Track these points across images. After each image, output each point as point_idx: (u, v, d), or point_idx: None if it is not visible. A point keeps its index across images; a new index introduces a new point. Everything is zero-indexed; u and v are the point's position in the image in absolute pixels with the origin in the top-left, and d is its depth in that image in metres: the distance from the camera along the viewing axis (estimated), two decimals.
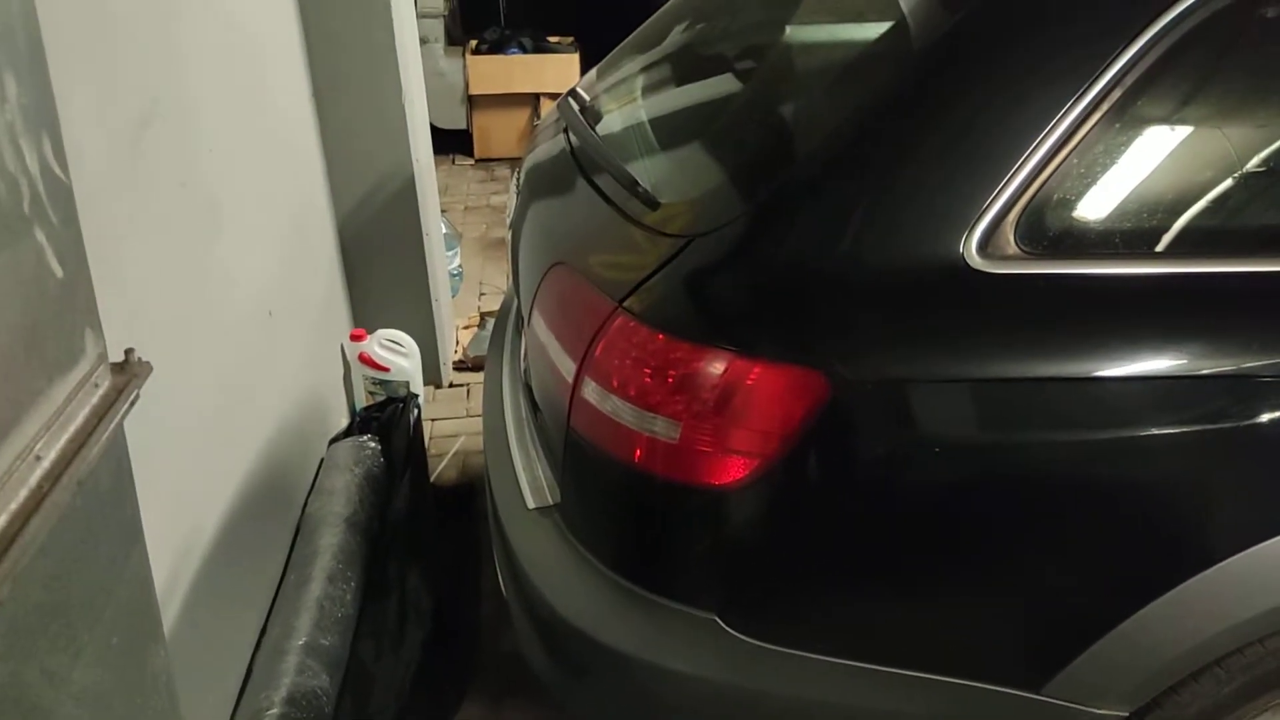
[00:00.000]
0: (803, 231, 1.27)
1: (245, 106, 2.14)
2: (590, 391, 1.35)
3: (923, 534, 1.28)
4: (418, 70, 3.15)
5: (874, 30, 1.37)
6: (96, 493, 0.85)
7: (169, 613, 1.60)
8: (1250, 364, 1.22)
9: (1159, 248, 1.26)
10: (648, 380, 1.27)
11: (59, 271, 0.73)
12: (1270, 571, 1.23)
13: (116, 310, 1.32)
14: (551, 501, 1.55)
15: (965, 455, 1.24)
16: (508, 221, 2.09)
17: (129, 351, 0.86)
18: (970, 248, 1.20)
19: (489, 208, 4.83)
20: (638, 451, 1.30)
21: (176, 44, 1.76)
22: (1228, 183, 1.30)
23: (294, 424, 2.45)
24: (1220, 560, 1.22)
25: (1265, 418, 1.22)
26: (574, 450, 1.42)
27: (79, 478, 0.79)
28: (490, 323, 3.68)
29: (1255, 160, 1.31)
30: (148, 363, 0.87)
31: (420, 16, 5.01)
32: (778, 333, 1.25)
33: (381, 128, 2.90)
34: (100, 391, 0.80)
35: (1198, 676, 1.31)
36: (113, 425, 0.84)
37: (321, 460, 2.60)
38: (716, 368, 1.23)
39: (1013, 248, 1.21)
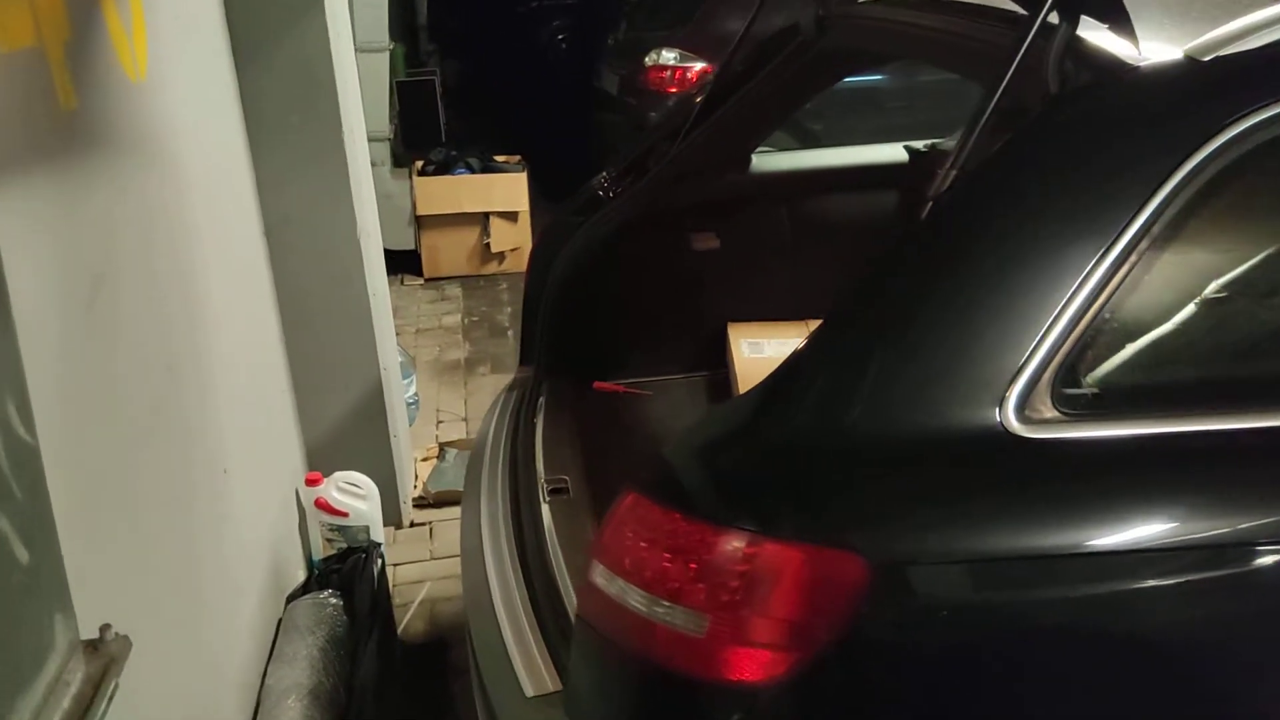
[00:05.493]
0: (825, 399, 1.18)
1: (199, 260, 2.03)
2: (599, 575, 1.24)
3: None
4: (372, 202, 3.07)
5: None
6: None
7: None
8: None
9: (1210, 403, 1.19)
10: (666, 565, 1.16)
11: (24, 556, 0.61)
12: None
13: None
14: (553, 688, 1.42)
15: (1027, 641, 1.14)
16: None
17: (105, 628, 0.73)
18: (1008, 413, 1.13)
19: (441, 329, 4.72)
20: (658, 645, 1.18)
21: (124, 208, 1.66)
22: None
23: (249, 584, 2.28)
24: None
25: None
26: (583, 640, 1.29)
27: None
28: (451, 454, 3.55)
29: None
30: (125, 638, 0.73)
31: (367, 140, 4.98)
32: (811, 512, 1.15)
33: (336, 264, 2.80)
34: (73, 690, 0.66)
35: None
36: None
37: (279, 621, 2.42)
38: (745, 553, 1.12)
39: (1051, 410, 1.14)
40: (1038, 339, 1.14)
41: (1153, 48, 1.24)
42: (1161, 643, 1.16)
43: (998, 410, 1.13)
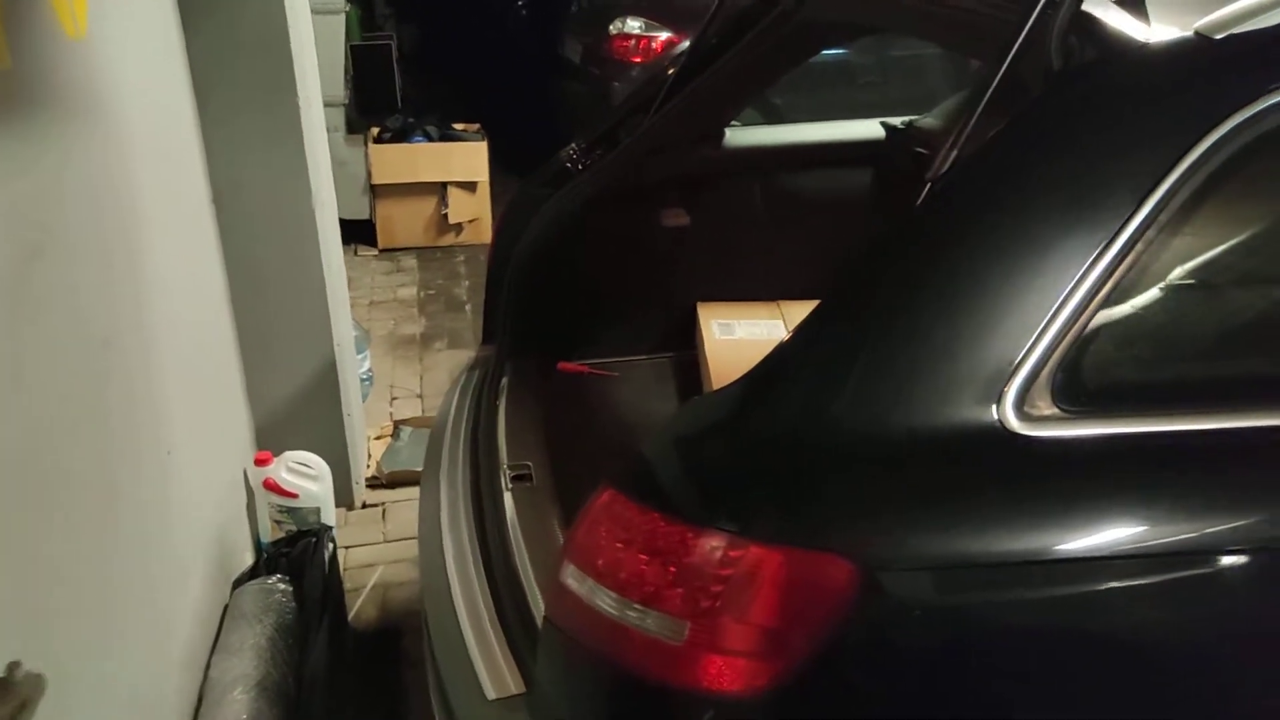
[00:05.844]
0: (812, 393, 1.11)
1: (142, 229, 1.91)
2: (570, 575, 1.16)
3: None
4: (327, 171, 2.94)
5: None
6: None
7: None
8: None
9: (1222, 399, 1.14)
10: (643, 567, 1.09)
11: None
12: None
13: None
14: (516, 691, 1.34)
15: (1030, 650, 1.09)
16: None
17: (14, 666, 0.63)
18: (1006, 409, 1.07)
19: (396, 301, 4.59)
20: (633, 651, 1.10)
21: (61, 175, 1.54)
22: None
23: (195, 569, 2.17)
24: None
25: None
26: (551, 643, 1.22)
27: None
28: (406, 432, 3.44)
29: None
30: (39, 676, 0.64)
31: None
32: (797, 513, 1.08)
33: (289, 235, 2.67)
34: None
35: None
36: None
37: (225, 608, 2.31)
38: (728, 556, 1.05)
39: (1051, 407, 1.08)
40: (1038, 331, 1.07)
41: (1162, 24, 1.17)
42: (1181, 648, 1.11)
43: (995, 406, 1.07)
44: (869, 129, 2.51)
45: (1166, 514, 1.09)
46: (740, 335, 2.32)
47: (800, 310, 2.43)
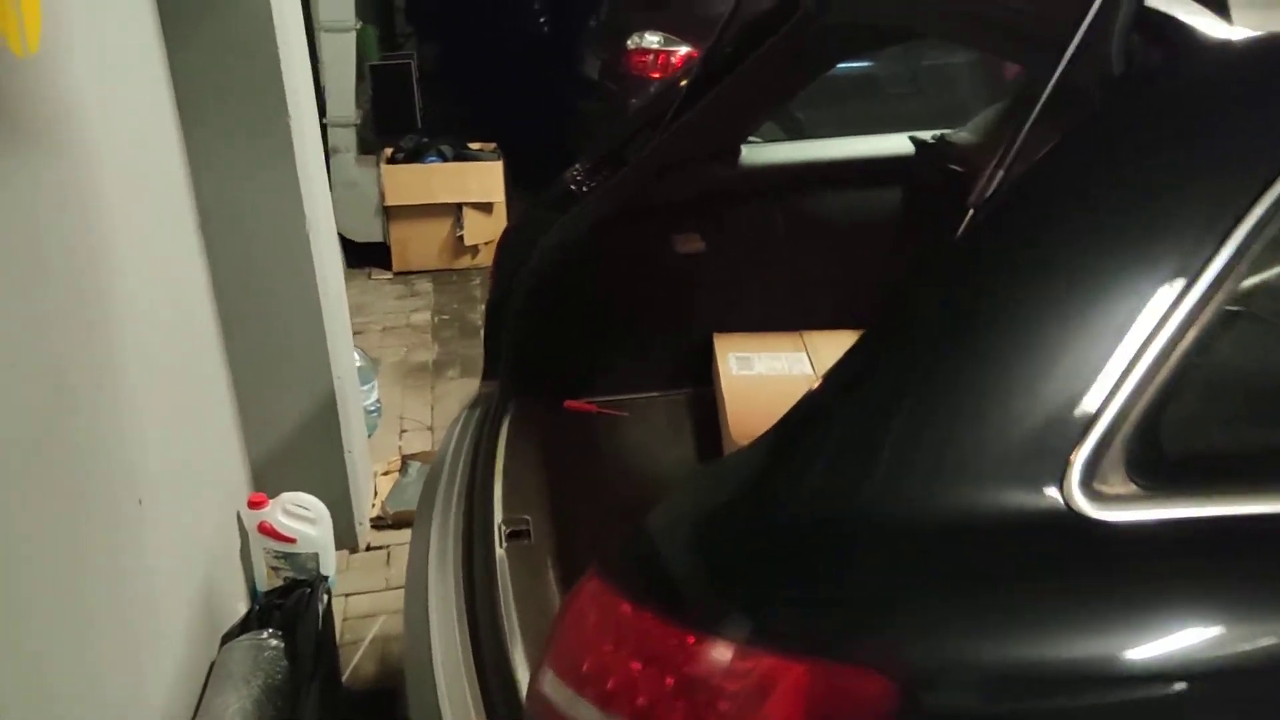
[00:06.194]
0: (840, 468, 0.93)
1: (111, 259, 1.76)
2: (548, 683, 0.98)
3: None
4: (324, 194, 2.80)
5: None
6: None
7: None
8: None
9: None
10: (635, 678, 0.91)
11: None
12: None
13: None
14: None
15: None
16: None
17: None
18: (1072, 487, 0.88)
19: (409, 327, 4.44)
20: None
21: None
22: None
23: (177, 624, 2.02)
24: None
25: None
26: None
27: None
28: (414, 468, 3.28)
29: None
30: None
31: (330, 126, 4.69)
32: (822, 617, 0.90)
33: (283, 262, 2.52)
34: None
35: None
36: None
37: (212, 665, 2.16)
38: (737, 667, 0.87)
39: (1125, 484, 0.89)
40: (1110, 390, 0.89)
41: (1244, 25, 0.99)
42: None
43: (1058, 484, 0.88)
44: (897, 144, 2.33)
45: (1272, 614, 0.90)
46: (760, 370, 2.13)
47: (824, 341, 2.24)
